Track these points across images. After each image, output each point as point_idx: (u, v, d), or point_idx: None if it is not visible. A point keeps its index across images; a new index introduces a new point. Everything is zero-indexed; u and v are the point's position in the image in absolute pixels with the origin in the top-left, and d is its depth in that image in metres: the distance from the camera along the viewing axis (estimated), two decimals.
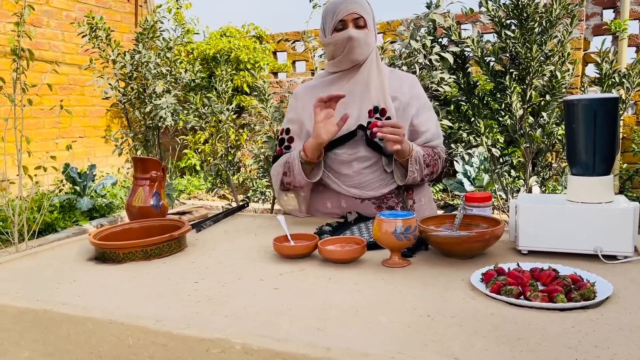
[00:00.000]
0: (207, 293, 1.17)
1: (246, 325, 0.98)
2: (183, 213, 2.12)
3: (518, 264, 1.24)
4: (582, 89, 4.17)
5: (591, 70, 4.63)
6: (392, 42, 5.12)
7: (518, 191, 3.10)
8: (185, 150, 6.18)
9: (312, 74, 6.53)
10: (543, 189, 2.69)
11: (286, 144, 1.94)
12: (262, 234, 1.74)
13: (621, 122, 3.55)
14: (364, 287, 1.18)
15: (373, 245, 1.45)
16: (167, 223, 1.71)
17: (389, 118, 1.81)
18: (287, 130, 1.95)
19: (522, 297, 1.07)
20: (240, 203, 2.45)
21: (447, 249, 1.37)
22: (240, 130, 4.20)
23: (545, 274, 1.15)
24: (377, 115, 1.82)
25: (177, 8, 6.65)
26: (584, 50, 4.67)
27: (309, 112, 1.87)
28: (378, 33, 3.07)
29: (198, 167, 6.40)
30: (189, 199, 5.59)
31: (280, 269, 1.34)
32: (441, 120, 2.63)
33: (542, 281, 1.14)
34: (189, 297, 1.15)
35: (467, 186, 4.31)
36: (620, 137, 4.12)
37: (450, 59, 2.49)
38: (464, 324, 0.95)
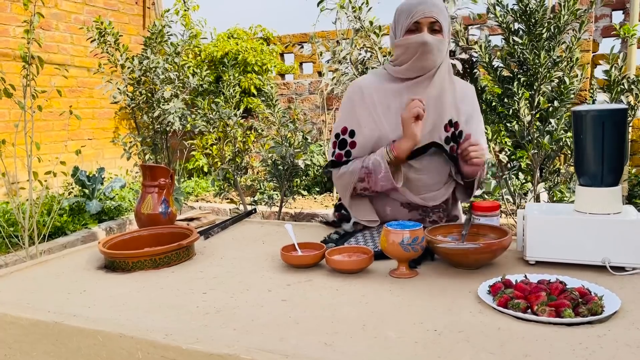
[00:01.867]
0: (215, 304, 1.18)
1: (254, 339, 0.99)
2: (191, 219, 2.13)
3: (525, 276, 1.24)
4: (591, 91, 4.15)
5: (600, 73, 4.60)
6: None
7: (525, 194, 3.09)
8: (192, 152, 6.20)
9: (320, 75, 6.53)
10: (551, 195, 2.68)
11: (347, 148, 1.75)
12: (270, 241, 1.74)
13: (631, 126, 3.53)
14: (372, 299, 1.18)
15: (380, 255, 1.45)
16: (176, 231, 1.72)
17: (460, 132, 1.74)
18: (352, 133, 1.75)
19: (529, 310, 1.07)
20: (249, 209, 2.46)
21: (455, 260, 1.37)
22: (248, 132, 4.22)
23: (553, 286, 1.15)
24: (453, 129, 1.74)
25: (185, 10, 6.68)
26: (593, 52, 4.65)
27: (381, 111, 1.74)
28: (385, 35, 3.05)
29: (206, 169, 6.43)
30: (197, 201, 5.62)
31: (287, 279, 1.34)
32: None
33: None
34: (197, 308, 1.16)
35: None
36: (630, 140, 4.09)
37: (459, 65, 2.49)
38: (471, 340, 0.96)
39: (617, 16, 4.72)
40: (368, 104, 1.75)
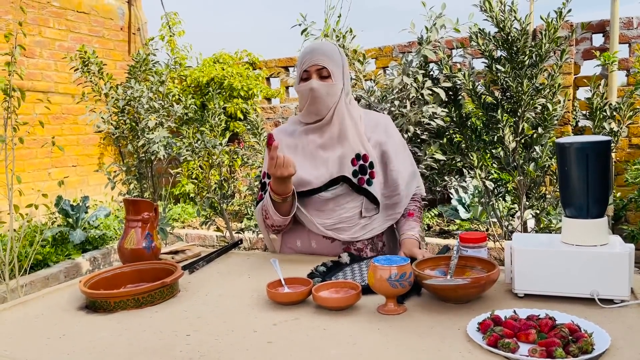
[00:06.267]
0: (199, 348, 1.15)
1: None
2: (176, 252, 2.10)
3: (515, 311, 1.23)
4: (574, 113, 4.19)
5: (582, 94, 4.66)
6: (384, 68, 5.16)
7: (512, 215, 3.09)
8: (178, 177, 6.15)
9: None
10: (538, 221, 2.69)
11: (267, 188, 1.91)
12: (256, 275, 1.71)
13: (614, 151, 3.56)
14: (360, 340, 1.16)
15: (368, 289, 1.42)
16: (159, 267, 1.68)
17: (371, 163, 1.84)
18: (269, 176, 1.91)
19: (519, 349, 1.05)
20: (235, 237, 2.43)
21: (443, 295, 1.35)
22: (235, 156, 4.21)
23: (542, 322, 1.14)
24: (361, 162, 1.83)
25: (170, 36, 6.69)
26: (574, 75, 4.71)
27: (289, 153, 1.88)
28: (372, 59, 3.07)
29: (192, 194, 6.37)
30: (183, 227, 5.56)
31: (274, 318, 1.31)
32: (433, 153, 2.63)
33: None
34: (180, 353, 1.13)
35: (462, 213, 4.30)
36: (613, 160, 4.13)
37: (443, 94, 2.50)
38: None
39: (598, 39, 4.80)
40: (279, 148, 1.93)
